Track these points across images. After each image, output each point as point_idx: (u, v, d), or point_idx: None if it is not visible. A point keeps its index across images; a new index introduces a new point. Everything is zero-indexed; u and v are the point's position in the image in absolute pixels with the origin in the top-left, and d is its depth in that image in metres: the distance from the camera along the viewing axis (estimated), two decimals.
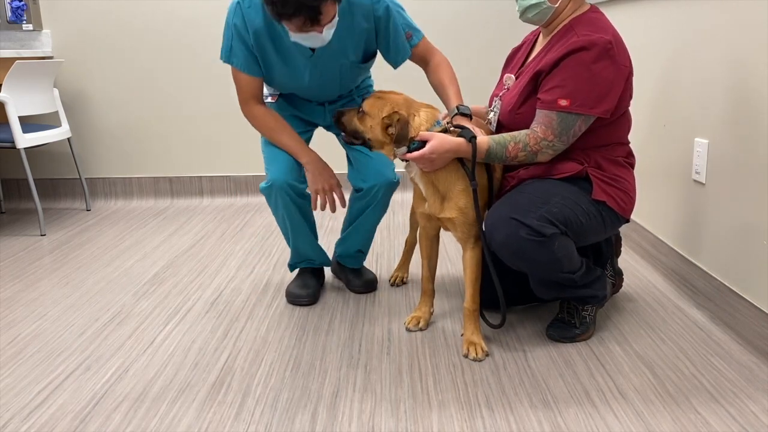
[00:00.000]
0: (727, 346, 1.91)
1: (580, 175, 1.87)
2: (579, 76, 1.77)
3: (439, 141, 1.80)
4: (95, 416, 1.63)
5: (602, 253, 2.14)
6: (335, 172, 2.19)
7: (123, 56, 3.82)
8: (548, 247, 1.76)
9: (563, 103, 1.78)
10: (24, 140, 3.25)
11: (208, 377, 1.81)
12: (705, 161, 2.14)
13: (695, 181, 2.22)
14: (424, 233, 2.07)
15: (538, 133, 1.81)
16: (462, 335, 1.98)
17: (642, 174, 2.70)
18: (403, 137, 1.82)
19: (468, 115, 1.93)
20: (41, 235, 3.28)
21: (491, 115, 2.05)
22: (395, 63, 2.14)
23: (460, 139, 1.81)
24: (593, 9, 1.91)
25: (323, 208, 2.14)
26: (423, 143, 1.81)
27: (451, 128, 1.85)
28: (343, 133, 1.98)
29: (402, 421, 1.58)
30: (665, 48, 2.45)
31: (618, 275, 2.27)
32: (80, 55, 3.81)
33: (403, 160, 1.89)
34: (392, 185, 2.20)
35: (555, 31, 1.91)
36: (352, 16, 2.02)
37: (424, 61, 2.15)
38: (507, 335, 2.02)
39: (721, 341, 1.94)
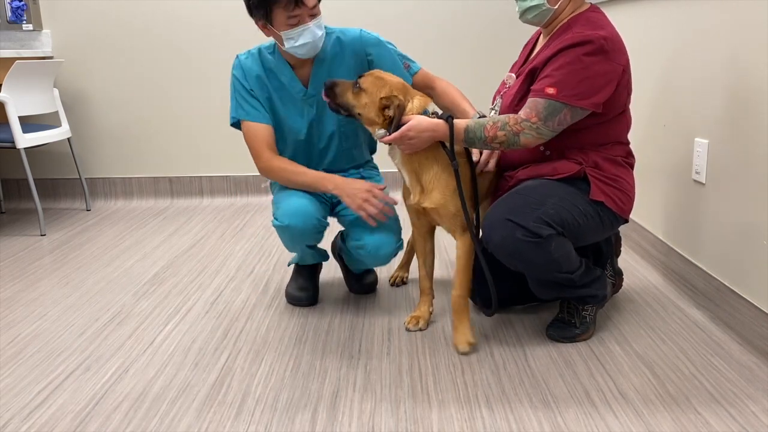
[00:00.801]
0: (727, 346, 1.91)
1: (578, 175, 1.86)
2: (569, 68, 1.77)
3: (416, 121, 1.80)
4: (95, 416, 1.63)
5: (602, 253, 2.14)
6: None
7: (123, 56, 3.82)
8: (545, 248, 1.76)
9: (550, 91, 1.77)
10: (24, 140, 3.25)
11: (208, 377, 1.81)
12: (705, 161, 2.14)
13: (695, 181, 2.22)
14: (417, 231, 2.09)
15: (520, 115, 1.79)
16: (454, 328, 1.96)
17: (642, 174, 2.70)
18: (399, 122, 1.83)
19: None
20: (41, 235, 3.28)
21: (492, 113, 2.05)
22: None
23: (438, 120, 1.82)
24: (593, 8, 1.91)
25: (382, 217, 2.03)
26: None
27: (435, 118, 1.85)
28: (328, 100, 1.91)
29: (402, 421, 1.58)
30: (665, 48, 2.45)
31: (618, 275, 2.27)
32: (80, 55, 3.81)
33: (384, 143, 1.89)
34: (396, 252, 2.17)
35: (554, 31, 1.91)
36: (343, 53, 2.11)
37: (428, 87, 2.16)
38: (507, 335, 2.02)
39: (721, 341, 1.94)
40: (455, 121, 1.82)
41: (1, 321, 2.24)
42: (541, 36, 2.02)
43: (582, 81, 1.77)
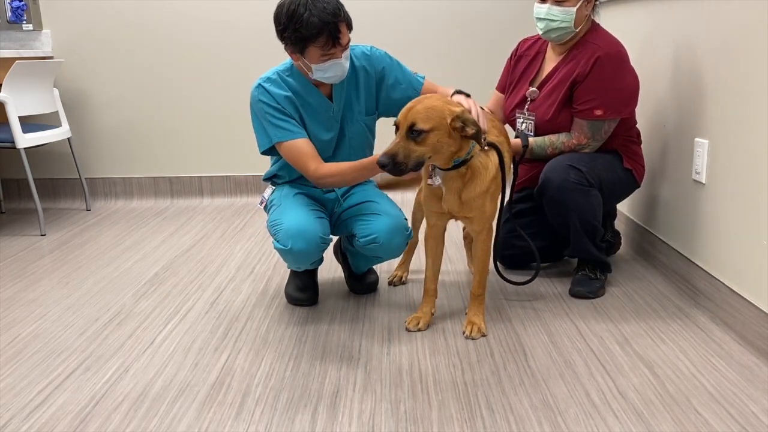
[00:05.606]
0: (727, 346, 1.91)
1: (611, 149, 2.32)
2: (609, 85, 2.19)
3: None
4: (95, 416, 1.63)
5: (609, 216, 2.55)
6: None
7: (123, 56, 3.82)
8: (589, 194, 2.17)
9: (598, 113, 2.21)
10: (24, 140, 3.25)
11: (208, 377, 1.81)
12: (705, 161, 2.14)
13: (695, 181, 2.22)
14: (432, 233, 2.10)
15: (572, 140, 2.27)
16: (466, 313, 2.10)
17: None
18: (480, 130, 1.81)
19: (467, 94, 2.02)
20: (41, 235, 3.28)
21: (523, 126, 2.39)
22: (414, 93, 2.14)
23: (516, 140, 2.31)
24: (596, 24, 2.31)
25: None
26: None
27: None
28: (399, 175, 1.83)
29: (402, 421, 1.58)
30: (665, 48, 2.45)
31: (616, 235, 2.67)
32: (80, 55, 3.81)
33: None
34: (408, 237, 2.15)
35: (571, 45, 2.28)
36: (356, 70, 2.15)
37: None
38: (507, 335, 2.02)
39: (721, 341, 1.94)
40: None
41: (1, 321, 2.24)
42: (550, 50, 2.36)
43: (619, 96, 2.22)
